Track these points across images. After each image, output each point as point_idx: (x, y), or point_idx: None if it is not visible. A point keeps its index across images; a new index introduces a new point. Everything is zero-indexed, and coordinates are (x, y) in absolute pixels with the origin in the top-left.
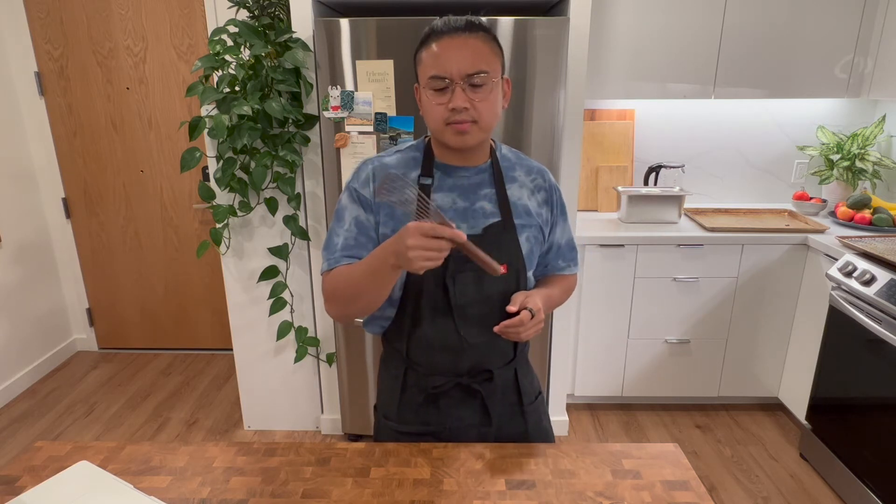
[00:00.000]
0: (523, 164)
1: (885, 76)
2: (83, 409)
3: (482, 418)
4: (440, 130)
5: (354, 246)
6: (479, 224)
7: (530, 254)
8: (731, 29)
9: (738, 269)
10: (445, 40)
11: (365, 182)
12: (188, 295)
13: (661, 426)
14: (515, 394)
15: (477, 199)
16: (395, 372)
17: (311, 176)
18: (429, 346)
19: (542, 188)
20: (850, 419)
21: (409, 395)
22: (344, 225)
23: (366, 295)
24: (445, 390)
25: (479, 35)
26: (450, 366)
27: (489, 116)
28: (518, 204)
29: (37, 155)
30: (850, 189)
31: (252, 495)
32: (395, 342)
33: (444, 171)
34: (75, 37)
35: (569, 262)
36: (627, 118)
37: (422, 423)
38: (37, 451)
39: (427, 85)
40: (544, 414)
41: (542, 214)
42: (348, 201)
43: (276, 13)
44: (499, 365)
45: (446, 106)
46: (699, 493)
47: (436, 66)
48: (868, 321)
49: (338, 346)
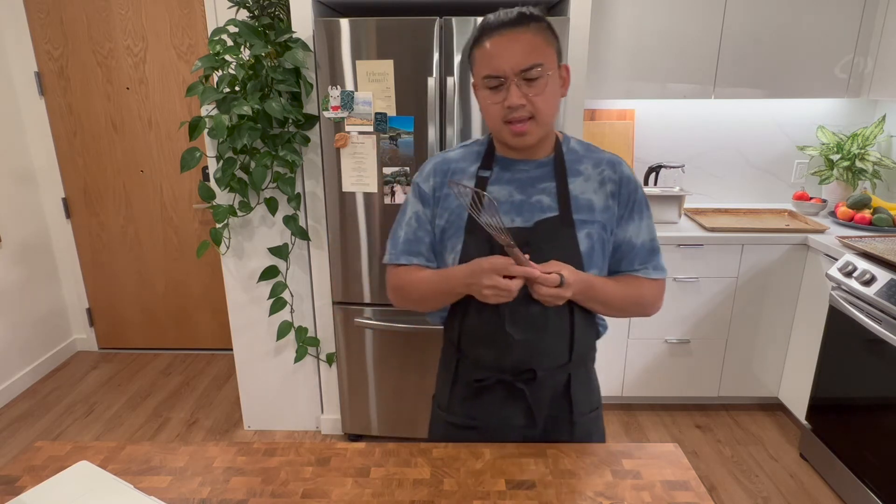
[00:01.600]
0: (592, 157)
1: (885, 76)
2: (83, 409)
3: (527, 420)
4: (498, 130)
5: (414, 240)
6: (533, 217)
7: (590, 252)
8: (731, 29)
9: (738, 269)
10: (496, 37)
11: (427, 177)
12: (188, 295)
13: (661, 426)
14: (566, 401)
15: (535, 192)
16: (449, 363)
17: (311, 176)
18: (475, 339)
19: (611, 180)
20: (850, 419)
21: (459, 386)
22: (405, 218)
23: (430, 305)
24: (489, 385)
25: (531, 27)
26: (494, 361)
27: (547, 110)
28: (580, 198)
29: (37, 155)
30: (850, 189)
31: (252, 495)
32: (449, 333)
33: (504, 165)
34: (75, 37)
35: (645, 265)
36: (627, 118)
37: (468, 416)
38: (37, 451)
39: (482, 84)
40: (597, 430)
41: (609, 209)
42: (411, 196)
43: (276, 13)
44: (547, 367)
45: (502, 104)
46: (699, 493)
47: (489, 65)
48: (868, 321)
49: (338, 346)
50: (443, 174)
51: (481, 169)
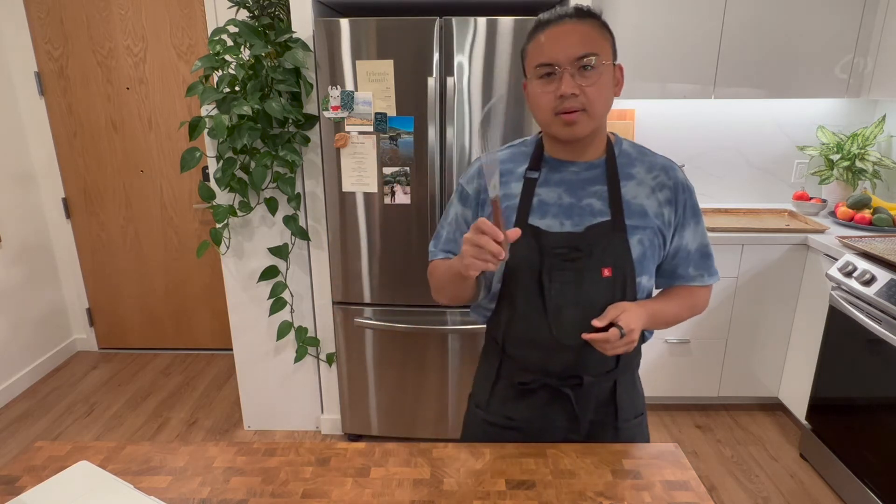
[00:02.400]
0: (645, 161)
1: (885, 76)
2: (83, 409)
3: (571, 424)
4: (548, 122)
5: (451, 241)
6: (583, 222)
7: (642, 258)
8: (731, 29)
9: (738, 269)
10: (553, 29)
11: (471, 178)
12: (188, 295)
13: (661, 426)
14: (612, 406)
15: (585, 195)
16: (492, 362)
17: (311, 176)
18: (521, 342)
19: (666, 186)
20: (850, 419)
21: (501, 386)
22: (448, 219)
23: (446, 291)
24: (534, 389)
25: (587, 21)
26: (540, 364)
27: (600, 103)
28: (633, 203)
29: (37, 155)
30: (850, 189)
31: (252, 495)
32: (493, 333)
33: (553, 166)
34: (75, 37)
35: (701, 271)
36: (627, 118)
37: (507, 416)
38: (37, 451)
39: (534, 74)
40: (641, 436)
41: (662, 215)
42: (455, 197)
43: (276, 13)
44: (594, 372)
45: (554, 94)
46: (699, 493)
47: (542, 54)
48: (868, 321)
49: (338, 346)
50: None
51: (529, 170)
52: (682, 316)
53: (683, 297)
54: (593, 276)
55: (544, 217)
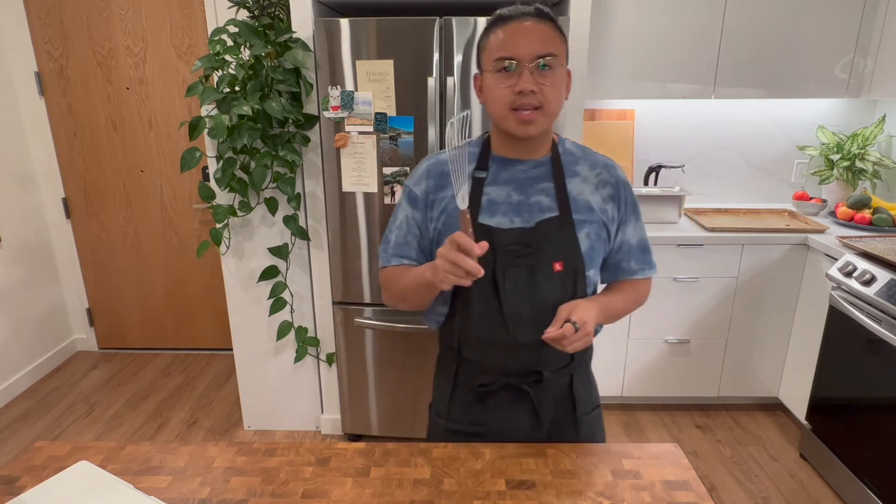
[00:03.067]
0: (588, 159)
1: (885, 76)
2: (83, 409)
3: (533, 423)
4: (504, 117)
5: (403, 244)
6: (533, 218)
7: (590, 251)
8: (731, 29)
9: (738, 269)
10: (514, 24)
11: (418, 180)
12: (188, 295)
13: (661, 426)
14: (570, 401)
15: (533, 192)
16: (448, 369)
17: (311, 176)
18: (479, 344)
19: (609, 183)
20: (850, 419)
21: (460, 392)
22: (396, 223)
23: (410, 300)
24: (494, 390)
25: (547, 22)
26: (499, 364)
27: (555, 103)
28: (579, 199)
29: (37, 155)
30: (850, 189)
31: (252, 495)
32: (447, 338)
33: (501, 164)
34: (75, 37)
35: (642, 264)
36: (627, 118)
37: (470, 422)
38: (37, 451)
39: (493, 67)
40: (599, 428)
41: (606, 211)
42: (402, 199)
43: (276, 13)
44: (552, 368)
45: (513, 88)
46: (699, 493)
47: (504, 48)
48: (868, 321)
49: (338, 346)
50: (436, 177)
51: (477, 170)
52: (629, 308)
53: (628, 290)
54: (545, 271)
55: (494, 215)
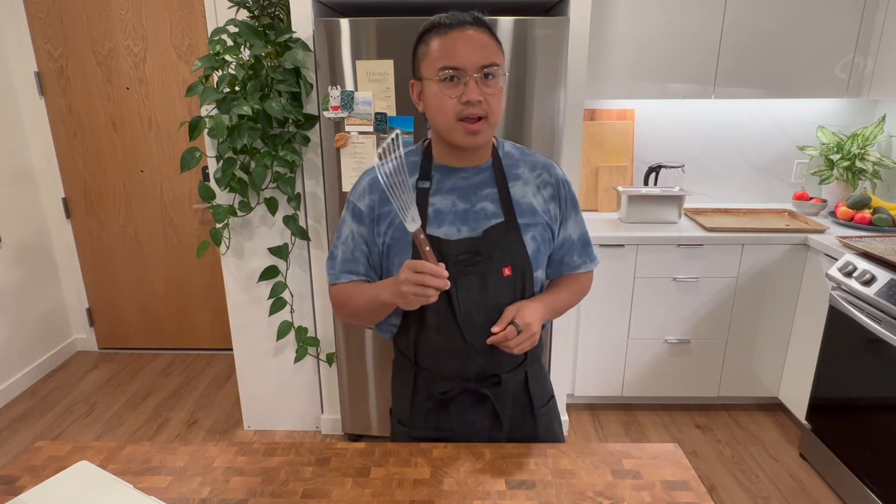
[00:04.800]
0: (527, 160)
1: (885, 76)
2: (83, 409)
3: (493, 423)
4: (449, 127)
5: (351, 260)
6: (479, 226)
7: (537, 253)
8: (731, 29)
9: (738, 269)
10: (455, 33)
11: (361, 194)
12: (188, 295)
13: (661, 426)
14: (526, 397)
15: (478, 199)
16: (406, 377)
17: (311, 176)
18: (435, 352)
19: (549, 183)
20: (850, 419)
21: (420, 400)
22: (342, 238)
23: (366, 318)
24: (454, 395)
25: (487, 31)
26: (457, 371)
27: (499, 112)
28: (522, 202)
29: (37, 155)
30: (850, 189)
31: (252, 495)
32: (403, 348)
33: (443, 173)
34: (75, 37)
35: (584, 258)
36: (627, 118)
37: (433, 428)
38: (37, 451)
39: (436, 77)
40: (556, 418)
41: (549, 211)
42: (346, 215)
43: (276, 13)
44: (507, 369)
45: (459, 99)
46: (699, 493)
47: (447, 58)
48: (868, 321)
49: (338, 346)
50: (380, 191)
51: (420, 180)
52: (574, 301)
53: (571, 284)
54: (496, 277)
55: (441, 225)
